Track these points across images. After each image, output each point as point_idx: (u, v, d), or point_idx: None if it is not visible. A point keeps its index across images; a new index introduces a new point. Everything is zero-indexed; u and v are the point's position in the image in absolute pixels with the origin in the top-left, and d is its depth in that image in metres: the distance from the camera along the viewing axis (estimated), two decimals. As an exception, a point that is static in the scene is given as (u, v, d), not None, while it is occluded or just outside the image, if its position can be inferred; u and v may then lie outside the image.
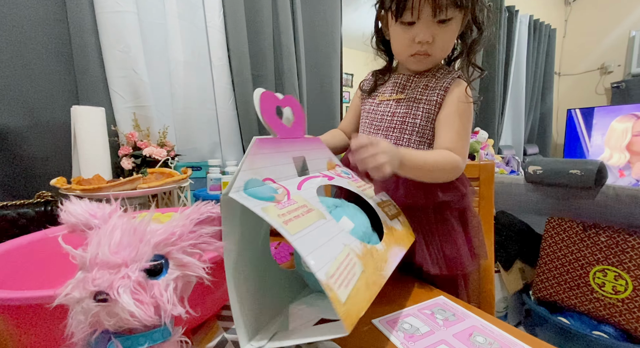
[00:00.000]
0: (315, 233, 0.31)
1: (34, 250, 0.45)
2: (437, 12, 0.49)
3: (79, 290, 0.22)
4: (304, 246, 0.28)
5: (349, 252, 0.33)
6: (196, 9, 1.14)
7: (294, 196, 0.34)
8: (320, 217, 0.34)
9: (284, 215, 0.30)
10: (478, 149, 1.84)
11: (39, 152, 0.89)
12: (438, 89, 0.55)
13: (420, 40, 0.51)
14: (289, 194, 0.34)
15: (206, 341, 0.39)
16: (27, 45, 0.86)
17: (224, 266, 0.32)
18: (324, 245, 0.30)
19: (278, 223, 0.28)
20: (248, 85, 1.22)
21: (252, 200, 0.29)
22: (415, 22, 0.51)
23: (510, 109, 2.49)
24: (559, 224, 1.22)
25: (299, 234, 0.29)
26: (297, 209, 0.32)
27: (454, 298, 0.48)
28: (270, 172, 0.35)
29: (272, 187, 0.34)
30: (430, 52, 0.53)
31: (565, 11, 3.15)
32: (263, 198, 0.30)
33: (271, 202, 0.31)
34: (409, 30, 0.52)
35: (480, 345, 0.37)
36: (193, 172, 1.04)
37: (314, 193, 0.38)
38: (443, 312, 0.44)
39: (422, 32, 0.51)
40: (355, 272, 0.31)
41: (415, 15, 0.50)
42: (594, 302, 1.11)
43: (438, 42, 0.52)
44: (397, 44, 0.56)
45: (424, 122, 0.56)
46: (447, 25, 0.51)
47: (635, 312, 1.03)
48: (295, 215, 0.31)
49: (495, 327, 0.40)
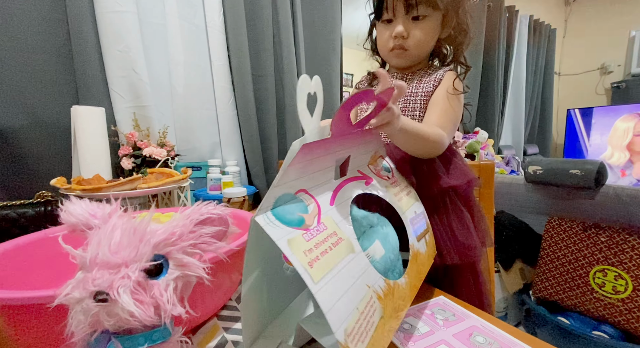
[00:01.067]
0: (341, 276, 0.29)
1: (34, 250, 0.45)
2: (410, 9, 0.56)
3: (79, 290, 0.22)
4: (326, 298, 0.26)
5: (372, 295, 0.31)
6: (196, 9, 1.14)
7: (325, 217, 0.31)
8: (350, 250, 0.32)
9: (310, 251, 0.27)
10: (478, 149, 1.83)
11: (39, 152, 0.89)
12: (432, 80, 0.60)
13: (395, 34, 0.58)
14: (320, 214, 0.31)
15: (206, 341, 0.39)
16: (27, 45, 0.86)
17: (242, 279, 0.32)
18: (348, 292, 0.28)
19: (302, 266, 0.26)
20: (248, 85, 1.22)
21: (278, 229, 0.27)
22: (392, 20, 0.58)
23: (510, 109, 2.49)
24: (559, 224, 1.22)
25: (323, 281, 0.26)
26: (325, 239, 0.29)
27: (454, 299, 0.48)
28: (304, 182, 0.32)
29: (303, 204, 0.31)
30: (406, 47, 0.59)
31: (565, 11, 3.15)
32: (291, 223, 0.28)
33: (299, 228, 0.28)
34: (388, 27, 0.59)
35: (480, 345, 0.37)
36: (193, 172, 1.04)
37: (347, 212, 0.35)
38: (443, 312, 0.44)
39: (398, 26, 0.57)
40: (375, 320, 0.30)
41: (391, 13, 0.58)
42: (594, 302, 1.11)
43: (412, 37, 0.58)
44: (379, 40, 0.63)
45: (422, 113, 0.60)
46: (422, 22, 0.57)
47: (635, 312, 1.03)
48: (322, 250, 0.28)
49: (495, 327, 0.40)
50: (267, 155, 1.33)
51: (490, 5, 2.19)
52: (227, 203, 0.80)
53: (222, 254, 0.30)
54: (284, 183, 0.29)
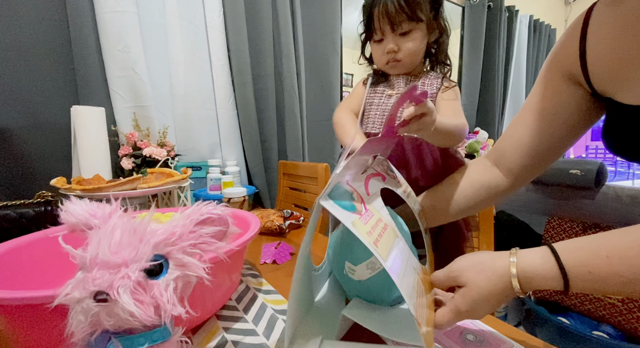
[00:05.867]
0: (398, 258, 0.31)
1: (34, 250, 0.45)
2: (395, 28, 0.62)
3: (79, 290, 0.22)
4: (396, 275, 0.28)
5: (417, 277, 0.33)
6: (196, 9, 1.14)
7: (368, 205, 0.34)
8: (395, 235, 0.34)
9: (370, 233, 0.30)
10: (478, 149, 1.84)
11: (39, 152, 0.90)
12: (434, 84, 0.66)
13: (387, 51, 0.64)
14: (364, 203, 0.34)
15: (206, 341, 0.39)
16: (27, 45, 0.87)
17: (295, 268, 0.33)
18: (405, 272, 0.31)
19: (370, 244, 0.28)
20: (248, 85, 1.22)
21: (340, 211, 0.29)
22: (383, 39, 0.65)
23: (510, 109, 2.49)
24: (559, 224, 1.22)
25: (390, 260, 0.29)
26: (376, 224, 0.32)
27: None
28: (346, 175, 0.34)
29: (348, 192, 0.33)
30: (399, 58, 0.65)
31: (565, 11, 3.15)
32: (347, 208, 0.30)
33: (354, 212, 0.30)
34: (380, 45, 0.66)
35: (470, 343, 0.38)
36: (193, 172, 1.04)
37: (380, 202, 0.38)
38: None
39: (389, 44, 0.64)
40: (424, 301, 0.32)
41: (379, 34, 0.64)
42: (594, 302, 1.11)
43: (403, 50, 0.64)
44: (374, 57, 0.70)
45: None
46: (409, 36, 0.63)
47: (635, 312, 1.03)
48: (378, 232, 0.31)
49: (485, 325, 0.41)
50: (267, 155, 1.33)
51: (490, 5, 2.19)
52: (227, 203, 0.80)
53: (222, 254, 0.30)
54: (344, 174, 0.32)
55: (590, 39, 0.39)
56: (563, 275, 0.30)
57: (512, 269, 0.32)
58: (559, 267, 0.31)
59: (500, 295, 0.33)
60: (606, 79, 0.38)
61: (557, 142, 0.47)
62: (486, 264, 0.35)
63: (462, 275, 0.35)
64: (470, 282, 0.34)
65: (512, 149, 0.50)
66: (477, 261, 0.36)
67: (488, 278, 0.33)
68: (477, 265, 0.35)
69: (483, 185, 0.53)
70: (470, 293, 0.34)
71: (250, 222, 0.52)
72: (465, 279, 0.35)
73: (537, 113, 0.47)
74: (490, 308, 0.34)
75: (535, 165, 0.49)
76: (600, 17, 0.38)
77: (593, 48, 0.39)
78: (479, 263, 0.35)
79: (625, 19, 0.35)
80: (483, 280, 0.34)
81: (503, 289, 0.33)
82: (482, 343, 0.37)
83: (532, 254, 0.33)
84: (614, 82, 0.38)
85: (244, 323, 0.43)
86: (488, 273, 0.34)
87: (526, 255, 0.33)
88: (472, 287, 0.34)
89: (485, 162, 0.55)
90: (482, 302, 0.33)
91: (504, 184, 0.52)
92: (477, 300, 0.33)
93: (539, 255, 0.33)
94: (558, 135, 0.46)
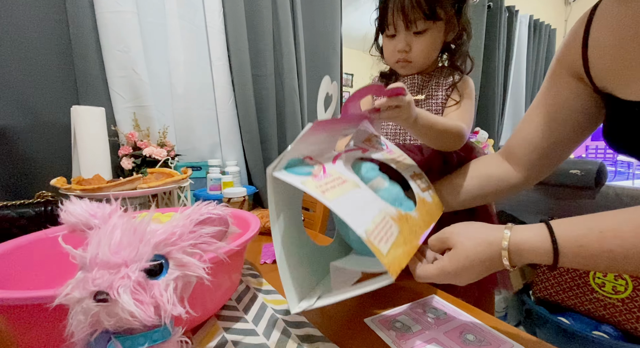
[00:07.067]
0: (351, 199, 0.34)
1: (34, 250, 0.45)
2: (409, 26, 0.57)
3: (79, 290, 0.22)
4: (342, 208, 0.31)
5: (385, 215, 0.35)
6: (196, 9, 1.14)
7: (330, 170, 0.37)
8: (355, 186, 0.37)
9: (321, 186, 0.33)
10: (478, 149, 1.83)
11: (39, 152, 0.90)
12: (447, 84, 0.62)
13: (398, 49, 0.60)
14: (325, 169, 0.36)
15: (206, 341, 0.39)
16: (27, 45, 0.86)
17: (273, 241, 0.37)
18: (361, 208, 0.33)
19: (317, 193, 0.31)
20: (248, 85, 1.22)
21: (292, 176, 0.33)
22: (395, 35, 0.60)
23: (510, 109, 2.49)
24: (559, 224, 1.21)
25: (337, 200, 0.32)
26: (333, 181, 0.35)
27: (447, 296, 0.48)
28: (310, 151, 0.37)
29: (309, 164, 0.36)
30: (410, 59, 0.61)
31: (565, 11, 3.15)
32: (301, 173, 0.34)
33: (309, 176, 0.34)
34: (392, 41, 0.61)
35: (470, 343, 0.37)
36: (193, 172, 1.04)
37: (349, 167, 0.41)
38: (435, 310, 0.45)
39: (400, 42, 0.59)
40: (393, 232, 0.34)
41: (392, 29, 0.59)
42: (594, 302, 1.11)
43: (415, 50, 0.59)
44: (385, 52, 0.65)
45: (441, 114, 0.62)
46: (423, 36, 0.58)
47: (635, 312, 1.03)
48: (331, 185, 0.34)
49: (485, 325, 0.41)
50: (267, 155, 1.33)
51: (490, 5, 2.18)
52: (227, 203, 0.80)
53: (222, 254, 0.30)
54: (296, 150, 0.34)
55: (593, 35, 0.39)
56: (554, 248, 0.31)
57: (503, 242, 0.34)
58: (551, 240, 0.32)
59: (487, 263, 0.35)
60: (607, 75, 0.39)
61: (563, 139, 0.47)
62: (478, 231, 0.36)
63: (452, 237, 0.37)
64: (459, 245, 0.36)
65: (520, 145, 0.51)
66: (471, 228, 0.37)
67: (477, 244, 0.35)
68: (469, 231, 0.37)
69: (492, 176, 0.55)
70: (457, 256, 0.35)
71: (250, 222, 0.52)
72: (455, 242, 0.36)
73: (542, 109, 0.47)
74: (474, 275, 0.36)
75: (543, 161, 0.50)
76: (605, 14, 0.39)
77: (595, 43, 0.39)
78: (473, 229, 0.37)
79: (630, 18, 0.35)
80: (472, 245, 0.35)
81: (490, 257, 0.34)
82: (482, 343, 0.37)
83: (527, 228, 0.34)
84: (615, 77, 0.38)
85: (244, 323, 0.43)
86: (478, 240, 0.35)
87: (521, 229, 0.35)
88: (459, 250, 0.35)
89: (496, 156, 0.57)
90: (467, 266, 0.35)
91: (516, 178, 0.53)
92: (463, 264, 0.35)
93: (534, 229, 0.34)
94: (563, 131, 0.46)
